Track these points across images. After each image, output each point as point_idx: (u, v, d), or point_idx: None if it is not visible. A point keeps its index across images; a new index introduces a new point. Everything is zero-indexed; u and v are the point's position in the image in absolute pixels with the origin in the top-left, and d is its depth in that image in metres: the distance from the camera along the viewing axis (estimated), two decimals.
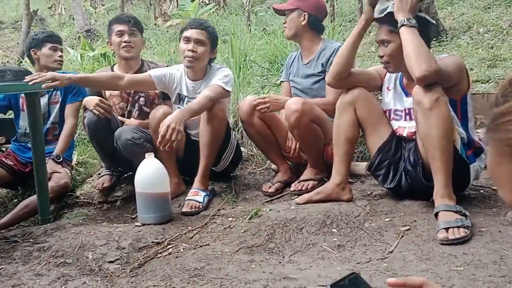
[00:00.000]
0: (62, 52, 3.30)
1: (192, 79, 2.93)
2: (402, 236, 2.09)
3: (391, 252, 1.98)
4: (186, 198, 2.73)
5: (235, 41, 4.59)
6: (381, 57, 2.34)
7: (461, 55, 5.00)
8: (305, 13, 2.91)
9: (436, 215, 2.06)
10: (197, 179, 2.78)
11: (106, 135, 2.90)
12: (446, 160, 2.04)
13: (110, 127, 2.89)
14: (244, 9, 8.38)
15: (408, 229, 2.13)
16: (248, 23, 7.73)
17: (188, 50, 2.81)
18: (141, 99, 3.17)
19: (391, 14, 2.24)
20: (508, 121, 0.54)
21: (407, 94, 2.37)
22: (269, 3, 8.68)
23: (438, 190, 2.07)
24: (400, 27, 2.14)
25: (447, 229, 1.96)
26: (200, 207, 2.69)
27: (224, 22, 8.15)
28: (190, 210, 2.66)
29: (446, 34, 5.63)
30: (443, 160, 2.04)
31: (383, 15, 2.26)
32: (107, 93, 3.16)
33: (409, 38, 2.11)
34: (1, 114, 3.32)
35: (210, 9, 8.74)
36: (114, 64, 3.31)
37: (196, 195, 2.73)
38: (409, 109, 2.35)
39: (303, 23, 2.92)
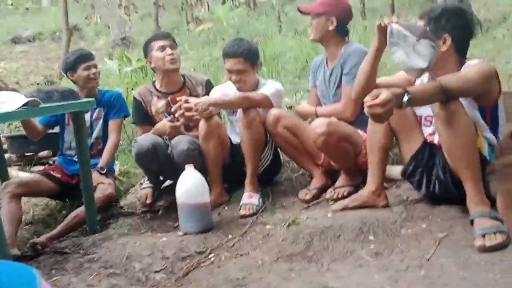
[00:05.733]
0: (96, 68, 3.36)
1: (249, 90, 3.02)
2: (439, 243, 2.11)
3: (429, 259, 2.01)
4: (242, 202, 2.85)
5: (266, 47, 4.63)
6: None
7: (496, 48, 4.91)
8: (333, 17, 2.84)
9: (472, 221, 2.08)
10: (247, 182, 2.90)
11: (152, 161, 3.00)
12: (473, 168, 2.06)
13: (157, 154, 2.96)
14: (274, 9, 8.42)
15: (445, 236, 2.15)
16: (278, 23, 7.78)
17: (234, 81, 2.97)
18: None
19: (429, 10, 2.28)
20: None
21: None
22: (300, 1, 8.69)
23: (470, 198, 2.09)
24: (405, 106, 1.98)
25: (483, 235, 1.98)
26: (257, 209, 2.81)
27: (255, 23, 8.21)
28: (247, 213, 2.77)
29: (481, 26, 5.51)
30: (470, 168, 2.06)
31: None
32: (153, 109, 3.22)
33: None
34: (50, 128, 3.48)
35: (241, 11, 8.85)
36: (154, 81, 3.32)
37: (251, 198, 2.85)
38: None
39: (330, 27, 2.85)
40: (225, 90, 3.13)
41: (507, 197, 0.59)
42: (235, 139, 3.07)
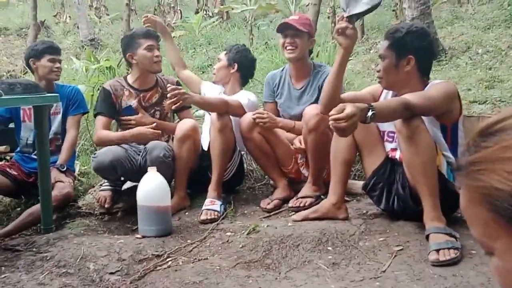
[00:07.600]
0: (60, 63, 3.31)
1: (229, 94, 3.19)
2: (395, 256, 2.15)
3: (384, 271, 2.05)
4: (204, 207, 2.84)
5: None
6: (378, 71, 2.41)
7: (459, 75, 5.09)
8: (313, 38, 3.05)
9: (427, 237, 2.13)
10: (211, 188, 2.90)
11: (111, 175, 3.02)
12: (431, 185, 2.12)
13: (116, 170, 2.94)
14: (247, 22, 8.49)
15: (401, 249, 2.20)
16: (250, 36, 7.84)
17: (213, 74, 3.35)
18: (157, 113, 3.19)
19: (394, 31, 2.33)
20: (478, 171, 0.60)
21: None
22: (272, 17, 8.78)
23: (427, 213, 2.15)
24: (369, 121, 2.02)
25: (438, 250, 2.04)
26: (218, 215, 2.79)
27: (227, 35, 8.25)
28: (208, 218, 2.75)
29: (446, 53, 5.69)
30: (428, 185, 2.12)
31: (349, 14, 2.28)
32: (123, 103, 3.16)
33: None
34: (3, 126, 3.35)
35: (214, 21, 8.86)
36: (127, 75, 3.30)
37: (213, 204, 2.84)
38: None
39: (310, 47, 3.07)
40: (212, 87, 3.31)
41: (468, 193, 0.62)
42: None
